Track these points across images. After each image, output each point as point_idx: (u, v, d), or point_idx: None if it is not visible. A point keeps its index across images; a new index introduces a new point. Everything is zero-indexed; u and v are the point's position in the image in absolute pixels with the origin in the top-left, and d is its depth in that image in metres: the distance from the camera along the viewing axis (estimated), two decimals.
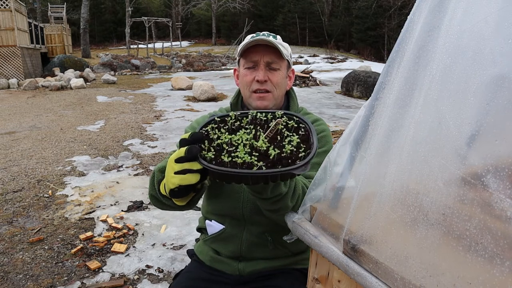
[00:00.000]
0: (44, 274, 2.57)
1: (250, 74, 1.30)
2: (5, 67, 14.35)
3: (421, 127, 0.72)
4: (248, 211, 1.30)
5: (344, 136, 0.96)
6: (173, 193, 0.92)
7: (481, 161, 0.60)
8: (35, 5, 34.72)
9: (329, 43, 32.73)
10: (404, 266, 0.70)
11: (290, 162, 0.88)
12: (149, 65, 20.75)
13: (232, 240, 1.33)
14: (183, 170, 0.88)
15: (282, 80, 1.32)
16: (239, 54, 1.34)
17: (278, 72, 1.30)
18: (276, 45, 1.25)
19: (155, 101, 10.30)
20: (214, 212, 1.38)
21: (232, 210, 1.32)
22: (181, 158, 0.88)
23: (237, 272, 1.34)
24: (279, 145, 0.94)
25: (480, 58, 0.64)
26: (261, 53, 1.28)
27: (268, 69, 1.29)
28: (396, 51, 0.82)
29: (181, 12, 43.95)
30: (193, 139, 0.91)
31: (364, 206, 0.81)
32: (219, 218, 1.37)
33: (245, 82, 1.32)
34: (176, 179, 0.89)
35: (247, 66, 1.31)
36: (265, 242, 1.31)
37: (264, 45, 1.27)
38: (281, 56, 1.29)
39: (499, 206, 0.57)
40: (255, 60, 1.29)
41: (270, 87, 1.30)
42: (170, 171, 0.90)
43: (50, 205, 3.70)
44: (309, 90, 12.50)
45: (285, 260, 1.35)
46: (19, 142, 6.01)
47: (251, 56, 1.29)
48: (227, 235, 1.34)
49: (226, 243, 1.35)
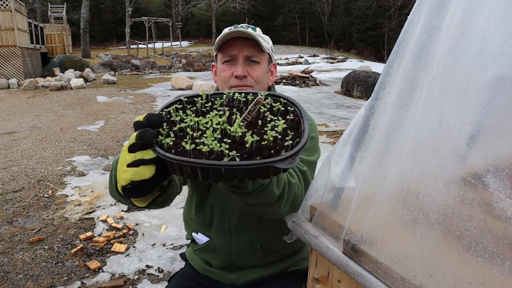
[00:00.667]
0: (44, 274, 2.57)
1: (228, 69, 1.21)
2: (5, 67, 14.35)
3: (421, 127, 0.72)
4: (234, 222, 1.24)
5: (344, 136, 0.95)
6: (125, 190, 0.73)
7: (481, 161, 0.60)
8: (35, 5, 34.72)
9: (329, 43, 32.73)
10: (404, 266, 0.70)
11: (273, 152, 0.68)
12: (149, 65, 20.75)
13: (221, 251, 1.28)
14: (135, 161, 0.70)
15: (263, 75, 1.23)
16: (215, 48, 1.24)
17: (258, 66, 1.21)
18: (255, 37, 1.16)
19: (155, 101, 10.30)
20: (199, 222, 1.31)
21: (217, 222, 1.26)
22: (133, 145, 0.70)
23: (230, 282, 1.30)
24: (260, 132, 0.75)
25: (481, 58, 0.64)
26: (239, 47, 1.19)
27: (248, 63, 1.20)
28: (396, 51, 0.82)
29: (181, 12, 43.96)
30: (149, 121, 0.73)
31: (364, 206, 0.81)
32: (204, 229, 1.31)
33: (223, 77, 1.22)
34: (128, 173, 0.70)
35: (225, 60, 1.22)
36: (254, 250, 1.26)
37: (243, 38, 1.18)
38: (261, 49, 1.20)
39: (499, 206, 0.57)
40: (233, 54, 1.20)
41: (251, 82, 1.20)
42: (123, 163, 0.72)
43: (50, 205, 3.70)
44: (309, 90, 12.50)
45: (279, 265, 1.31)
46: (19, 142, 6.01)
47: (229, 49, 1.20)
48: (215, 247, 1.29)
49: (215, 254, 1.30)
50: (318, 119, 7.89)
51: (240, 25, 1.23)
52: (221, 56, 1.23)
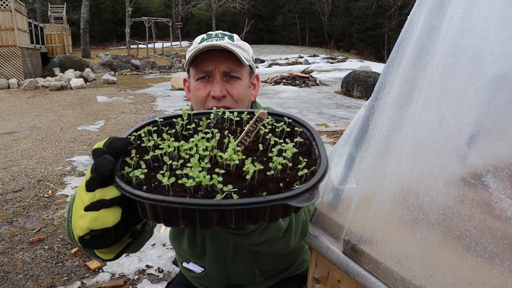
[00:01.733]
0: (44, 274, 2.57)
1: (204, 88, 1.02)
2: (5, 67, 14.35)
3: (421, 127, 0.72)
4: (229, 253, 1.12)
5: (344, 136, 0.96)
6: (84, 242, 0.56)
7: (481, 161, 0.60)
8: (35, 5, 34.71)
9: (329, 43, 32.71)
10: (404, 266, 0.70)
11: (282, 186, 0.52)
12: (149, 65, 20.75)
13: (217, 279, 1.18)
14: (93, 203, 0.54)
15: (244, 92, 1.05)
16: (187, 63, 1.06)
17: (238, 82, 1.04)
18: (233, 50, 0.98)
19: (155, 101, 10.30)
20: (190, 254, 1.17)
21: (211, 254, 1.12)
22: (90, 181, 0.54)
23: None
24: (262, 159, 0.59)
25: (480, 58, 0.64)
26: (215, 61, 1.00)
27: (226, 79, 1.03)
28: (396, 51, 0.82)
29: (181, 12, 43.95)
30: (110, 148, 0.57)
31: (364, 206, 0.81)
32: (197, 260, 1.17)
33: (197, 97, 1.03)
34: (85, 220, 0.54)
35: (199, 76, 1.03)
36: (253, 275, 1.18)
37: (219, 49, 0.99)
38: (241, 62, 1.01)
39: (499, 206, 0.57)
40: (209, 70, 1.02)
41: (231, 102, 1.03)
42: (79, 206, 0.56)
43: (50, 205, 3.70)
44: (309, 90, 12.50)
45: (278, 277, 1.26)
46: (19, 142, 6.01)
47: (203, 64, 1.02)
48: (211, 275, 1.17)
49: (212, 281, 1.20)
50: (318, 119, 7.89)
51: (214, 32, 1.06)
52: (194, 72, 1.05)
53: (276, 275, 1.25)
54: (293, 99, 10.65)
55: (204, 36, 1.06)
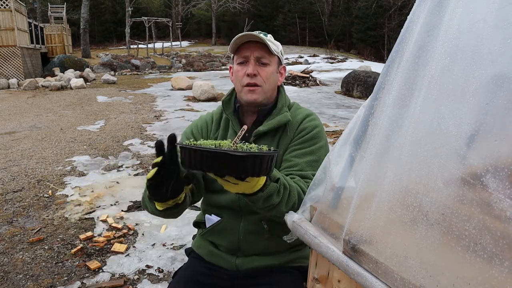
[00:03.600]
0: (44, 274, 2.57)
1: (242, 69, 1.34)
2: (5, 67, 14.35)
3: (420, 127, 0.72)
4: (244, 202, 1.31)
5: (343, 136, 0.96)
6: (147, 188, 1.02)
7: (480, 161, 0.60)
8: (35, 5, 34.71)
9: (329, 43, 32.70)
10: (404, 266, 0.70)
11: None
12: (149, 65, 20.75)
13: (229, 231, 1.36)
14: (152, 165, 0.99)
15: (271, 75, 1.36)
16: (231, 49, 1.38)
17: (267, 67, 1.34)
18: (264, 40, 1.29)
19: (155, 101, 10.30)
20: (213, 205, 1.41)
21: (229, 202, 1.35)
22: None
23: (235, 268, 1.37)
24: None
25: (479, 57, 0.64)
26: (251, 49, 1.32)
27: (259, 64, 1.33)
28: (396, 51, 0.82)
29: (181, 12, 43.95)
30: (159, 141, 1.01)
31: (364, 206, 0.81)
32: (218, 211, 1.40)
33: (237, 77, 1.36)
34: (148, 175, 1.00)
35: (239, 61, 1.35)
36: (261, 231, 1.33)
37: (255, 41, 1.32)
38: (271, 52, 1.32)
39: (499, 206, 0.57)
40: (246, 55, 1.33)
41: (260, 81, 1.33)
42: None
43: (50, 205, 3.70)
44: (309, 90, 12.50)
45: (282, 257, 1.37)
46: (19, 142, 6.01)
47: (242, 52, 1.34)
48: (224, 226, 1.37)
49: (223, 235, 1.38)
50: None
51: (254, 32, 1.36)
52: (236, 58, 1.37)
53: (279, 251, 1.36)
54: (293, 99, 10.60)
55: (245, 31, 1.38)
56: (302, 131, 1.35)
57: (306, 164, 1.28)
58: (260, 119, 1.38)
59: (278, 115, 1.37)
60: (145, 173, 4.60)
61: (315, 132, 1.35)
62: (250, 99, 1.33)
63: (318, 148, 1.33)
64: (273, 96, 1.41)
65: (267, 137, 1.36)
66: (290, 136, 1.35)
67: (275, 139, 1.36)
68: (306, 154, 1.31)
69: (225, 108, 1.42)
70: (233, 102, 1.43)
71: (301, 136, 1.34)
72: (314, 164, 1.27)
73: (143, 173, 4.62)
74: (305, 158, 1.30)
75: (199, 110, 8.79)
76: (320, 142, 1.35)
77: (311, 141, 1.33)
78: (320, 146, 1.33)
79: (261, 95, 1.34)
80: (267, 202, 1.07)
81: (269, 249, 1.36)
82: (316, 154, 1.31)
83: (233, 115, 1.41)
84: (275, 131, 1.36)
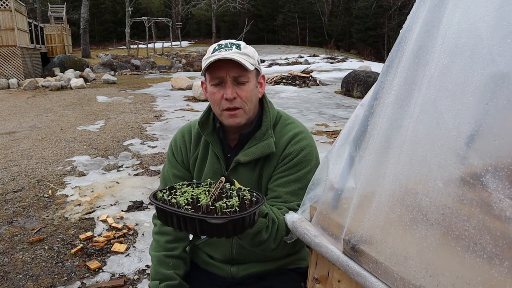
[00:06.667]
0: (44, 274, 2.57)
1: (218, 92, 1.23)
2: (5, 67, 14.35)
3: (419, 127, 0.72)
4: None
5: (342, 136, 0.95)
6: None
7: (480, 161, 0.60)
8: (35, 5, 34.68)
9: (329, 43, 32.66)
10: (403, 266, 0.70)
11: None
12: (149, 65, 20.75)
13: (223, 243, 1.34)
14: None
15: (252, 93, 1.25)
16: (202, 71, 1.27)
17: (246, 85, 1.23)
18: (239, 61, 1.17)
19: (155, 101, 10.30)
20: None
21: None
22: None
23: (230, 276, 1.35)
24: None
25: (478, 57, 0.64)
26: (226, 69, 1.20)
27: (236, 83, 1.22)
28: (396, 50, 0.82)
29: (181, 12, 43.95)
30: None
31: (363, 206, 0.81)
32: None
33: (214, 100, 1.25)
34: None
35: (214, 83, 1.24)
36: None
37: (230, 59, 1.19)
38: (248, 68, 1.20)
39: (498, 206, 0.57)
40: (221, 76, 1.21)
41: (240, 103, 1.23)
42: None
43: (50, 205, 3.70)
44: (309, 90, 12.50)
45: (279, 262, 1.34)
46: (19, 142, 6.01)
47: (216, 72, 1.22)
48: (218, 239, 1.29)
49: (217, 247, 1.36)
50: (318, 119, 7.89)
51: (224, 42, 1.25)
52: (209, 78, 1.25)
53: (275, 258, 1.33)
54: (293, 99, 10.65)
55: (216, 47, 1.25)
56: (287, 156, 1.25)
57: (290, 195, 1.21)
58: (243, 142, 1.29)
59: (262, 140, 1.26)
60: (145, 173, 4.60)
61: (301, 156, 1.24)
62: (233, 124, 1.25)
63: (305, 174, 1.23)
64: (255, 113, 1.31)
65: (249, 166, 1.27)
66: (273, 164, 1.27)
67: (257, 168, 1.28)
68: (291, 182, 1.22)
69: (203, 130, 1.32)
70: (212, 121, 1.33)
71: (286, 162, 1.24)
72: (299, 193, 1.19)
73: (143, 173, 4.62)
74: (290, 187, 1.22)
75: (199, 110, 8.79)
76: (307, 167, 1.24)
77: (297, 167, 1.23)
78: (307, 171, 1.23)
79: (243, 117, 1.25)
80: (256, 238, 1.08)
81: (264, 258, 1.32)
82: (302, 182, 1.21)
83: (213, 136, 1.32)
84: (257, 160, 1.27)
